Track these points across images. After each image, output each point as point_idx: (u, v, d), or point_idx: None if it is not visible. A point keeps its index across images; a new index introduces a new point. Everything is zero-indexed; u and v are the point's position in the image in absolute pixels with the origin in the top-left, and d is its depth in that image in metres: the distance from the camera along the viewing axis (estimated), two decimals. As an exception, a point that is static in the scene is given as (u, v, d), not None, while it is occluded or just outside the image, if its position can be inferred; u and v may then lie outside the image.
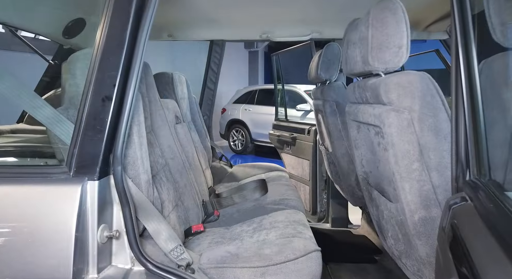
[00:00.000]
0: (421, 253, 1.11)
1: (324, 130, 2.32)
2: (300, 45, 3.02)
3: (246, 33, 2.63)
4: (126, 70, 1.00)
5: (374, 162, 1.39)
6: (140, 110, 1.16)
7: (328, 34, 2.60)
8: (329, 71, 2.18)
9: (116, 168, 0.99)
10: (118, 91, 0.99)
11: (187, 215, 1.65)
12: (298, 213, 1.65)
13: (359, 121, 1.40)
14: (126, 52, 0.99)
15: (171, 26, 2.49)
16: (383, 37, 1.14)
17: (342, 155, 2.14)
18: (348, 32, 1.39)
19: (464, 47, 0.84)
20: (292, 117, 6.86)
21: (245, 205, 1.89)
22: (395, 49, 1.14)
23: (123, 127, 1.00)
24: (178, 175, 1.69)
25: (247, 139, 8.05)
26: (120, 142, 0.99)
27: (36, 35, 2.36)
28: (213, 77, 2.79)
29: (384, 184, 1.31)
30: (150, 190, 1.20)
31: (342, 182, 2.23)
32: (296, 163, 3.14)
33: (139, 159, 1.13)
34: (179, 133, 1.94)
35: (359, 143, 1.51)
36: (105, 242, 0.99)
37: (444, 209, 0.83)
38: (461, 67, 0.84)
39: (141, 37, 1.00)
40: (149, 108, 1.62)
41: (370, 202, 1.54)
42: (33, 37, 2.85)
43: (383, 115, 1.13)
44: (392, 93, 1.09)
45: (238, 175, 2.64)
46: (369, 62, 1.18)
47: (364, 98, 1.33)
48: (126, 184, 1.04)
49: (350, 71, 1.38)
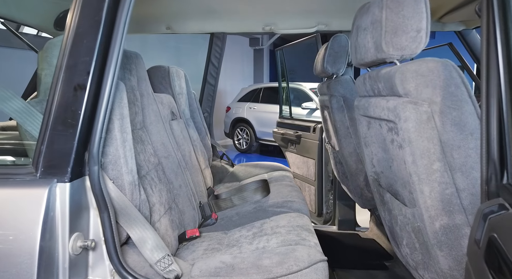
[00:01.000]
0: (442, 266, 0.97)
1: (331, 128, 2.18)
2: (305, 38, 2.88)
3: (248, 25, 2.49)
4: (103, 55, 0.87)
5: (386, 162, 1.25)
6: (123, 103, 1.03)
7: (335, 26, 2.46)
8: (336, 64, 2.03)
9: (92, 168, 0.87)
10: (93, 79, 0.86)
11: (182, 219, 1.52)
12: (302, 217, 1.52)
13: (370, 116, 1.26)
14: (103, 35, 0.86)
15: (169, 18, 2.37)
16: (399, 19, 1.00)
17: (350, 153, 2.00)
18: (358, 18, 1.24)
19: (503, 26, 0.69)
20: (297, 116, 6.76)
21: (245, 207, 1.76)
22: (412, 33, 0.99)
23: (100, 120, 0.87)
24: (173, 175, 1.57)
25: (252, 138, 7.94)
26: (96, 138, 0.87)
27: (39, 32, 2.25)
28: (214, 72, 2.66)
29: (398, 186, 1.17)
30: (135, 193, 1.07)
31: (350, 182, 2.09)
32: (301, 162, 3.00)
33: (121, 158, 1.00)
34: (175, 129, 1.81)
35: (370, 140, 1.38)
36: (79, 253, 0.86)
37: (476, 218, 0.69)
38: (498, 46, 0.69)
39: (120, 17, 0.87)
40: (140, 103, 1.49)
41: (381, 205, 1.40)
42: (35, 34, 2.75)
43: (398, 108, 0.99)
44: (409, 83, 0.95)
45: (239, 174, 2.51)
46: (383, 48, 1.04)
47: (376, 90, 1.18)
48: (105, 186, 0.91)
49: (360, 60, 1.24)
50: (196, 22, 2.42)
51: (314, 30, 2.48)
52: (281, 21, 2.41)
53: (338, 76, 2.06)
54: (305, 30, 2.50)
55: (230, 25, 2.49)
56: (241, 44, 10.63)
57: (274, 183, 2.12)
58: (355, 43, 1.26)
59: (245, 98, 8.20)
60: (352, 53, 1.32)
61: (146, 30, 2.56)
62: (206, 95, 2.69)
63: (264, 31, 2.55)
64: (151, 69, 2.03)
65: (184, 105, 2.26)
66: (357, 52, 1.25)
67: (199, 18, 2.35)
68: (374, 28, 1.07)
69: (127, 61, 1.42)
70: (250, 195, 1.82)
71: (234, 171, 2.60)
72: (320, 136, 2.70)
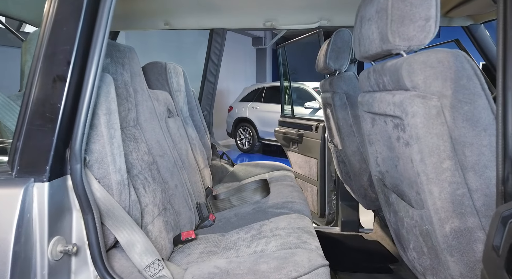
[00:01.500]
0: (453, 272, 0.90)
1: (333, 126, 2.11)
2: (306, 35, 2.81)
3: (248, 21, 2.42)
4: (85, 44, 0.80)
5: (392, 160, 1.18)
6: (111, 97, 0.97)
7: (338, 21, 2.39)
8: (339, 60, 1.96)
9: (74, 167, 0.80)
10: (75, 70, 0.79)
11: (178, 220, 1.46)
12: (303, 219, 1.45)
13: (374, 112, 1.19)
14: (85, 21, 0.80)
15: (167, 14, 2.31)
16: (406, 7, 0.93)
17: (353, 152, 1.93)
18: (362, 8, 1.17)
19: None
20: (300, 115, 6.67)
21: (244, 208, 1.69)
22: (421, 22, 0.92)
23: (83, 115, 0.80)
24: (168, 174, 1.50)
25: (254, 138, 7.88)
26: (78, 134, 0.80)
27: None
28: (214, 69, 2.59)
29: (404, 187, 1.10)
30: (124, 193, 1.00)
31: (353, 182, 2.02)
32: (303, 161, 2.93)
33: (108, 156, 0.94)
34: (171, 127, 1.74)
35: (374, 138, 1.30)
36: (60, 259, 0.80)
37: (494, 222, 0.62)
38: None
39: (104, 2, 0.81)
40: (134, 99, 1.43)
41: (386, 207, 1.33)
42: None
43: (405, 103, 0.92)
44: (417, 75, 0.88)
45: (239, 174, 2.44)
46: (389, 38, 0.97)
47: (381, 84, 1.11)
48: (90, 186, 0.85)
49: (364, 53, 1.17)
50: (195, 17, 2.36)
51: (316, 26, 2.41)
52: (282, 17, 2.35)
53: (341, 73, 1.99)
54: (307, 26, 2.43)
55: (230, 21, 2.42)
56: (243, 43, 10.57)
57: (275, 183, 2.06)
58: (359, 35, 1.19)
59: (248, 97, 8.14)
60: (355, 46, 1.25)
61: (143, 26, 2.50)
62: (206, 93, 2.63)
63: (265, 27, 2.49)
64: (147, 65, 1.97)
65: (182, 103, 2.20)
66: (361, 44, 1.18)
67: (198, 13, 2.29)
68: (379, 17, 1.00)
69: (119, 55, 1.36)
70: (249, 195, 1.75)
71: (234, 170, 2.54)
72: (322, 135, 2.63)
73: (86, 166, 0.90)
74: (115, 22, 2.44)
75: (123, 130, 1.28)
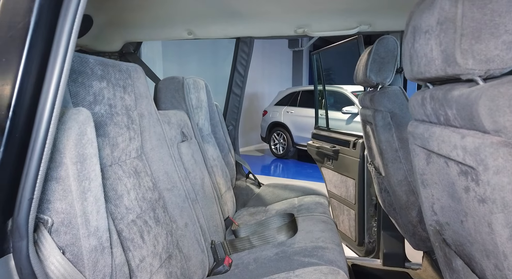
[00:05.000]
0: None
1: (374, 147, 1.81)
2: (344, 41, 2.51)
3: (277, 28, 2.17)
4: (40, 67, 0.59)
5: (456, 213, 0.88)
6: (86, 139, 0.76)
7: (380, 26, 2.08)
8: (382, 72, 1.66)
9: (17, 244, 0.60)
10: (21, 105, 0.58)
11: (187, 267, 1.24)
12: (336, 275, 1.18)
13: (431, 151, 0.90)
14: (34, 40, 0.59)
15: (190, 23, 2.12)
16: (486, 16, 0.64)
17: (399, 182, 1.62)
18: (416, 16, 0.88)
19: None
20: (337, 120, 6.31)
21: (266, 251, 1.44)
22: (506, 37, 0.63)
23: (32, 171, 0.59)
24: (177, 211, 1.29)
25: (289, 143, 7.61)
26: (25, 199, 0.59)
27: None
28: (240, 81, 2.37)
29: (475, 251, 0.81)
30: (102, 261, 0.79)
31: (399, 216, 1.71)
32: (338, 181, 2.63)
33: (79, 217, 0.73)
34: (184, 153, 1.53)
35: (430, 179, 1.01)
36: None
37: None
38: None
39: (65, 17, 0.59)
40: (138, 125, 1.23)
41: (448, 270, 1.03)
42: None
43: (484, 152, 0.63)
44: (504, 115, 0.60)
45: (266, 198, 2.20)
46: (457, 60, 0.68)
47: (443, 116, 0.83)
48: (44, 264, 0.65)
49: (418, 74, 0.88)
50: (219, 26, 2.15)
51: (355, 32, 2.12)
52: (316, 22, 2.08)
53: (384, 86, 1.68)
54: (345, 32, 2.14)
55: (257, 29, 2.19)
56: (280, 45, 10.32)
57: (304, 215, 1.79)
58: (410, 51, 0.91)
59: (283, 101, 7.89)
60: (405, 63, 0.97)
61: (166, 36, 2.32)
62: (231, 106, 2.41)
63: (296, 34, 2.23)
64: (163, 81, 1.78)
65: (203, 120, 1.99)
66: (413, 63, 0.89)
67: (223, 21, 2.08)
68: (443, 30, 0.72)
69: (120, 76, 1.16)
70: (272, 234, 1.50)
71: (260, 193, 2.29)
72: (361, 152, 2.33)
73: (49, 231, 0.70)
74: (136, 33, 2.29)
75: (120, 165, 1.08)
